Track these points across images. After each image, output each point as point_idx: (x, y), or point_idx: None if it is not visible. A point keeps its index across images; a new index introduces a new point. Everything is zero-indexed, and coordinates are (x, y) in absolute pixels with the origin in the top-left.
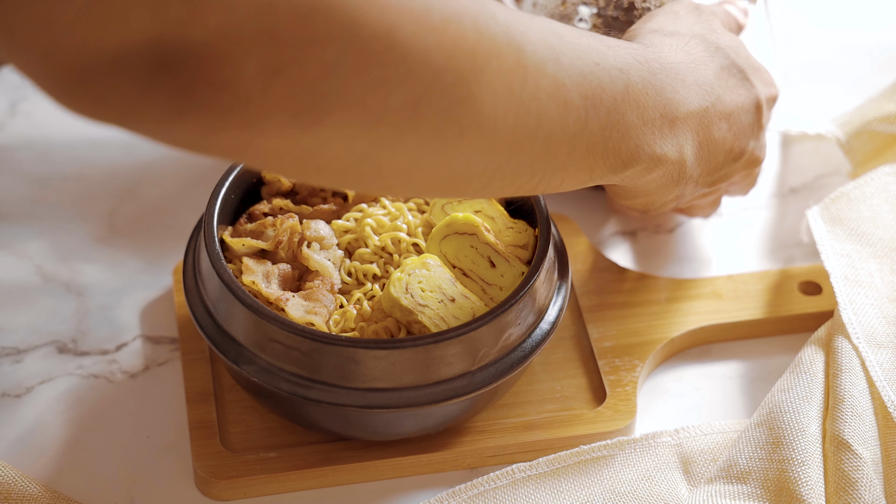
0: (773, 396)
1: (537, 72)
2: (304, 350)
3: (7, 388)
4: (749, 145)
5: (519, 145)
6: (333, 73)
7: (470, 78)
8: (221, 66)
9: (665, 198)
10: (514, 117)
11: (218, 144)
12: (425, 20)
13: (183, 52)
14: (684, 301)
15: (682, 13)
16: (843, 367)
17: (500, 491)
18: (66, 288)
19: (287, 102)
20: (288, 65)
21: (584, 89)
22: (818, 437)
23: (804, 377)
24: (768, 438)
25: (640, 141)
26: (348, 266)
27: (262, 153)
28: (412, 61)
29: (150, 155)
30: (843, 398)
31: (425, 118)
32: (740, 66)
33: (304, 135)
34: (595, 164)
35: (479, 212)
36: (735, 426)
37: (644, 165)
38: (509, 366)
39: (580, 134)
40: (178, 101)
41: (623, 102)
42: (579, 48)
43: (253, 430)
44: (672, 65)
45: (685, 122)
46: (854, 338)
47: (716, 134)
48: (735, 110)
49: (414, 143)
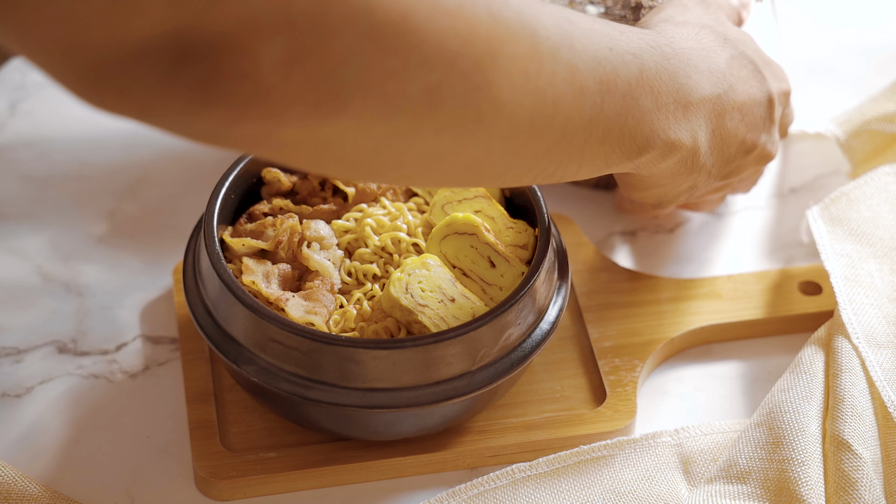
0: (773, 396)
1: (552, 57)
2: (304, 350)
3: (7, 388)
4: (761, 139)
5: (537, 130)
6: (351, 61)
7: (487, 63)
8: (241, 56)
9: (678, 188)
10: (531, 102)
11: (238, 136)
12: (439, 4)
13: (202, 43)
14: (684, 301)
15: (690, 5)
16: (843, 367)
17: (499, 491)
18: (66, 288)
19: (307, 91)
20: (307, 53)
21: (599, 74)
22: (818, 437)
23: (804, 377)
24: (768, 438)
25: (654, 126)
26: (348, 266)
27: (282, 144)
28: (428, 46)
29: (150, 155)
30: (843, 398)
31: (444, 105)
32: (751, 58)
33: (324, 124)
34: (611, 150)
35: (479, 212)
36: (735, 426)
37: (659, 151)
38: (509, 366)
39: (596, 119)
40: (199, 92)
41: (637, 87)
42: (592, 34)
43: (253, 430)
44: (684, 50)
45: (699, 107)
46: (854, 338)
47: (728, 124)
48: (747, 101)
49: (433, 130)
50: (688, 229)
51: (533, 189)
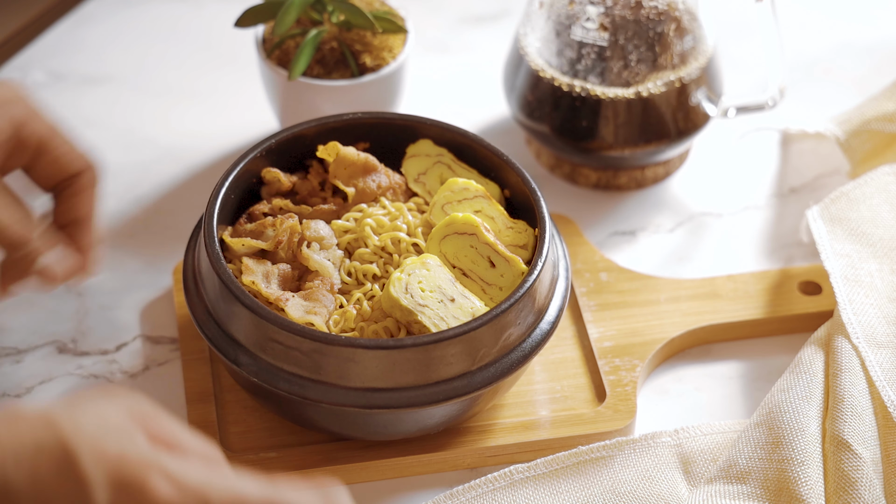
0: (772, 396)
1: None
2: (304, 350)
3: (7, 388)
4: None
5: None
6: None
7: None
8: None
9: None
10: None
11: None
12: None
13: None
14: (684, 301)
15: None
16: (843, 366)
17: (498, 492)
18: (66, 288)
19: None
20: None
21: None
22: (818, 436)
23: (804, 377)
24: (768, 438)
25: None
26: (348, 266)
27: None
28: None
29: (150, 155)
30: (843, 398)
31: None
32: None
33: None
34: None
35: (479, 212)
36: (735, 426)
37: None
38: (509, 366)
39: None
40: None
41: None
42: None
43: (253, 430)
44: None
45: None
46: (854, 338)
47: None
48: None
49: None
50: (688, 229)
51: (533, 189)
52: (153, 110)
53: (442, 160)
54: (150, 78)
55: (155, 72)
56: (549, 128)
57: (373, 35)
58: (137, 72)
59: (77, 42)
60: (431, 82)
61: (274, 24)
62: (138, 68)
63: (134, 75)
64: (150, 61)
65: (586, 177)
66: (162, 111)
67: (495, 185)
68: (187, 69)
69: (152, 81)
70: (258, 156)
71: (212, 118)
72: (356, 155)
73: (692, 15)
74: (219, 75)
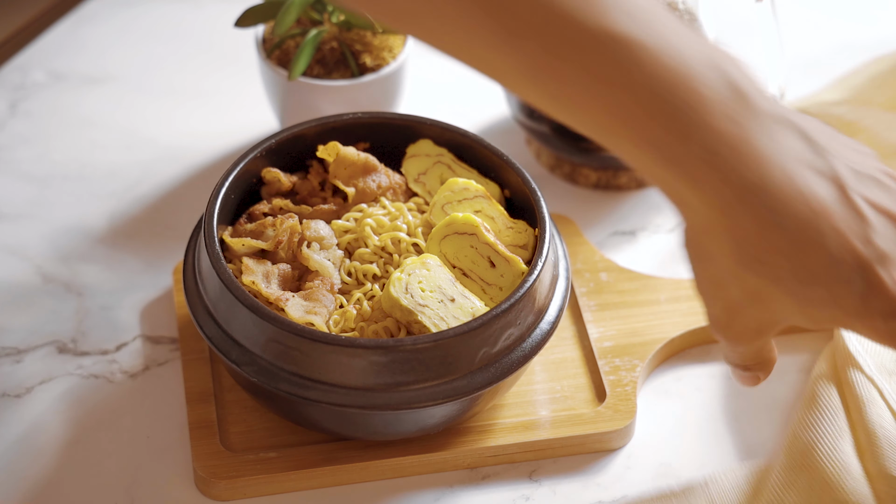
0: (798, 437)
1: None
2: (304, 350)
3: (7, 388)
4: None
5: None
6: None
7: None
8: None
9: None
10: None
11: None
12: None
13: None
14: (684, 301)
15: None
16: (865, 399)
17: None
18: (66, 288)
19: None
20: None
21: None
22: (862, 473)
23: (827, 413)
24: (812, 482)
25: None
26: (348, 266)
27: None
28: None
29: (150, 155)
30: (876, 432)
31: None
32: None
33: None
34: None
35: (479, 212)
36: (757, 468)
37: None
38: (509, 366)
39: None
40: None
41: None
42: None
43: (253, 430)
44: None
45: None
46: (866, 368)
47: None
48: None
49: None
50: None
51: (533, 189)
52: (153, 110)
53: (442, 160)
54: (151, 78)
55: (155, 72)
56: (549, 128)
57: (373, 35)
58: (138, 72)
59: (78, 42)
60: (431, 82)
61: (274, 24)
62: (139, 68)
63: (134, 75)
64: (150, 61)
65: (586, 177)
66: (162, 111)
67: (495, 185)
68: (187, 69)
69: (152, 81)
70: (258, 156)
71: (212, 118)
72: (356, 155)
73: (692, 15)
74: (219, 75)
